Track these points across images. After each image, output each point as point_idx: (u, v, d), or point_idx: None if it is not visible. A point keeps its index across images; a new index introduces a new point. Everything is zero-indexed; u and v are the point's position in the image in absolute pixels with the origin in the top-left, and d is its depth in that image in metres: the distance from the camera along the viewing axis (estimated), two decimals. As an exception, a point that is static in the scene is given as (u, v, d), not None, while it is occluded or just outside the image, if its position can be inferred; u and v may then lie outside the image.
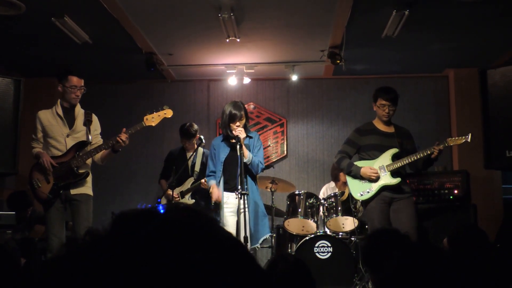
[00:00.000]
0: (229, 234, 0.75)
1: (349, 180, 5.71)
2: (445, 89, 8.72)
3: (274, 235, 6.58)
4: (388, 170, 5.53)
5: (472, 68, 7.62)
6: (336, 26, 6.53)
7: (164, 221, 0.70)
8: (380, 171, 5.54)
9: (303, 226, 6.51)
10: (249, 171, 5.44)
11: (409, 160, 5.51)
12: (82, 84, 5.38)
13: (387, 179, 5.52)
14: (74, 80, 5.33)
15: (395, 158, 5.58)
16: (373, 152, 5.66)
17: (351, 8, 5.94)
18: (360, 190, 5.60)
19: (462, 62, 8.08)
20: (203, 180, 6.38)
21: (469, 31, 6.80)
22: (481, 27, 6.66)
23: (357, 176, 5.59)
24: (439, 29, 6.77)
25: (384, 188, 5.53)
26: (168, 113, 5.55)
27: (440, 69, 8.58)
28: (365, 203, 5.63)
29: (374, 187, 5.53)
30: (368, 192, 5.55)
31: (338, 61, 7.26)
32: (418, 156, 5.48)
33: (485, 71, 5.73)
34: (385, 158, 5.59)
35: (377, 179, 5.52)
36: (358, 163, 5.67)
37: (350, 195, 5.90)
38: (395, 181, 5.51)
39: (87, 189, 5.41)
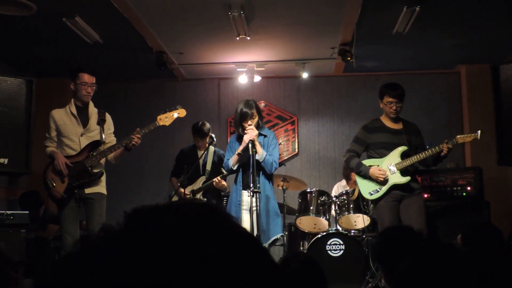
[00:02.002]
0: (244, 229, 0.75)
1: (359, 179, 5.69)
2: (457, 86, 8.67)
3: (286, 233, 6.57)
4: (398, 169, 5.50)
5: (484, 64, 7.56)
6: (346, 23, 6.51)
7: (177, 216, 0.71)
8: (389, 169, 5.51)
9: (315, 224, 6.50)
10: (262, 168, 5.44)
11: (418, 158, 5.48)
12: (94, 82, 5.41)
13: (396, 178, 5.49)
14: (85, 77, 5.37)
15: (404, 156, 5.55)
16: (382, 151, 5.62)
17: (361, 5, 5.92)
18: (369, 189, 5.58)
19: (474, 58, 8.03)
20: (215, 179, 6.39)
21: (481, 27, 6.76)
22: (493, 22, 6.62)
23: (366, 176, 5.57)
24: (451, 25, 6.73)
25: (394, 187, 5.51)
26: (182, 113, 5.56)
27: (451, 65, 8.53)
28: (375, 201, 5.61)
29: (384, 186, 5.52)
30: (378, 191, 5.53)
31: (349, 58, 7.24)
32: (427, 154, 5.45)
33: (498, 66, 5.69)
34: (394, 157, 5.55)
35: (385, 180, 5.50)
36: (367, 162, 5.64)
37: (360, 194, 5.89)
38: (405, 180, 5.49)
39: (101, 188, 5.44)
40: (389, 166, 5.52)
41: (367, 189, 5.60)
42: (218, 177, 6.38)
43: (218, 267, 0.67)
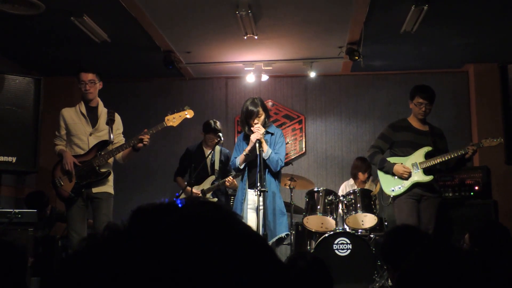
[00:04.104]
0: (250, 228, 0.75)
1: (381, 175, 5.74)
2: (465, 85, 8.63)
3: (293, 232, 6.57)
4: (421, 167, 5.58)
5: (492, 63, 7.53)
6: (354, 22, 6.50)
7: (182, 215, 0.71)
8: (413, 168, 5.58)
9: (322, 223, 6.50)
10: (268, 166, 5.43)
11: (443, 159, 5.54)
12: (91, 78, 5.41)
13: (419, 176, 5.57)
14: (81, 75, 5.41)
15: (428, 156, 5.63)
16: (407, 149, 5.70)
17: (369, 4, 5.90)
18: (391, 186, 5.65)
19: (482, 57, 7.99)
20: (228, 179, 6.41)
21: (489, 25, 6.73)
22: (501, 21, 6.58)
23: (389, 172, 5.65)
24: (459, 24, 6.71)
25: (415, 185, 5.56)
26: (189, 113, 5.57)
27: (459, 65, 8.50)
28: (394, 197, 5.66)
29: (406, 183, 5.58)
30: (400, 188, 5.60)
31: (356, 58, 7.22)
32: (452, 156, 5.52)
33: (506, 66, 5.68)
34: (419, 156, 5.63)
35: (408, 178, 5.55)
36: (391, 159, 5.70)
37: (381, 189, 5.93)
38: (428, 178, 5.56)
39: (108, 187, 5.46)
40: (413, 165, 5.58)
41: (389, 185, 5.67)
42: (230, 177, 6.40)
43: (223, 267, 0.67)
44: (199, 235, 0.68)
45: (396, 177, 5.63)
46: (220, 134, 6.47)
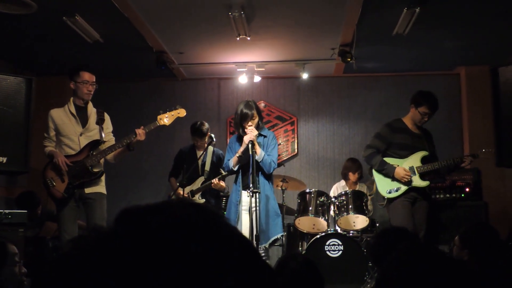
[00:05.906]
0: (236, 230, 0.75)
1: (377, 177, 5.73)
2: (456, 87, 8.67)
3: (285, 233, 6.58)
4: (418, 172, 5.58)
5: (484, 65, 7.57)
6: (346, 24, 6.51)
7: (167, 216, 0.70)
8: (409, 171, 5.60)
9: (314, 224, 6.50)
10: (261, 169, 5.45)
11: (440, 165, 5.60)
12: (94, 80, 5.41)
13: (416, 181, 5.60)
14: (86, 75, 5.37)
15: (423, 160, 5.63)
16: (403, 152, 5.68)
17: (361, 6, 5.92)
18: (388, 188, 5.66)
19: (474, 60, 8.03)
20: (213, 180, 6.39)
21: (481, 28, 6.76)
22: (494, 24, 6.61)
23: (389, 175, 5.62)
24: (451, 26, 6.73)
25: (412, 189, 5.60)
26: (182, 112, 5.59)
27: (451, 67, 8.53)
28: (390, 200, 5.66)
29: (403, 186, 5.57)
30: (397, 190, 5.61)
31: (349, 59, 7.24)
32: (449, 162, 5.59)
33: (497, 68, 5.70)
34: (415, 160, 5.64)
35: (409, 181, 5.55)
36: (388, 160, 5.69)
37: (376, 190, 5.97)
38: (424, 184, 5.60)
39: (101, 188, 5.43)
40: (410, 168, 5.60)
41: (386, 187, 5.67)
42: (216, 179, 6.38)
43: (220, 266, 0.67)
44: (194, 235, 0.68)
45: (392, 179, 5.63)
46: (212, 135, 6.45)
